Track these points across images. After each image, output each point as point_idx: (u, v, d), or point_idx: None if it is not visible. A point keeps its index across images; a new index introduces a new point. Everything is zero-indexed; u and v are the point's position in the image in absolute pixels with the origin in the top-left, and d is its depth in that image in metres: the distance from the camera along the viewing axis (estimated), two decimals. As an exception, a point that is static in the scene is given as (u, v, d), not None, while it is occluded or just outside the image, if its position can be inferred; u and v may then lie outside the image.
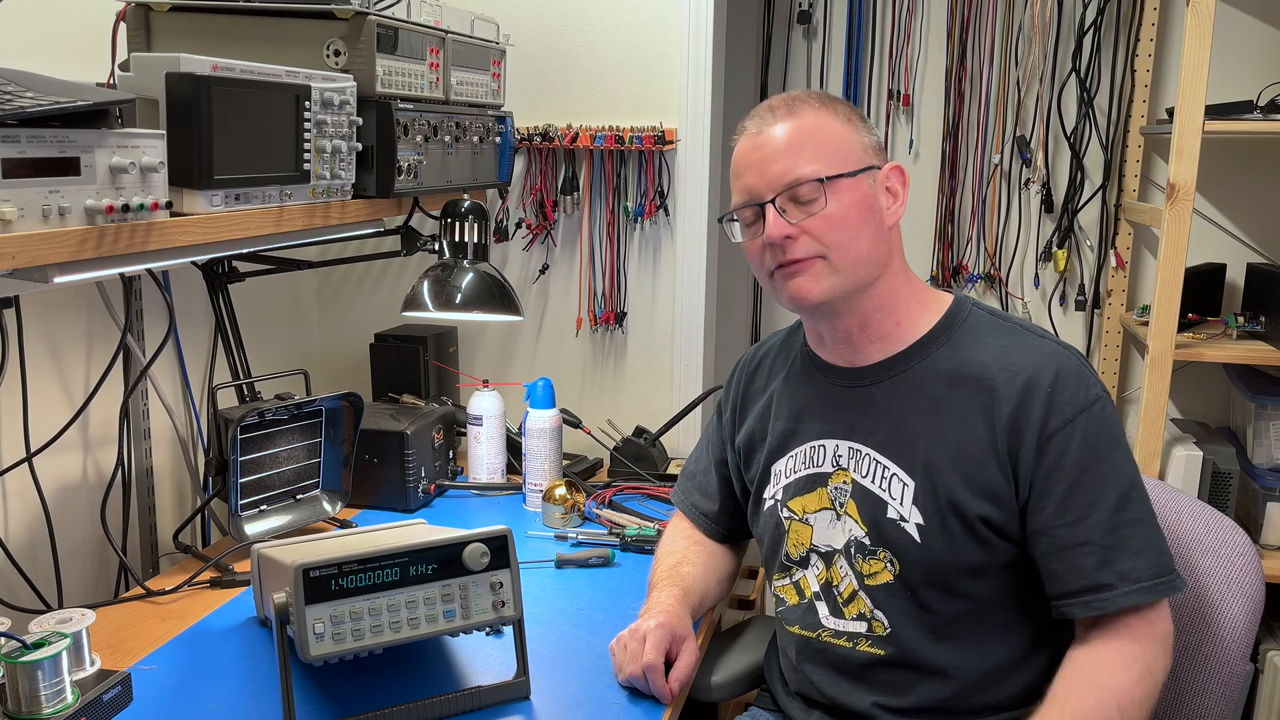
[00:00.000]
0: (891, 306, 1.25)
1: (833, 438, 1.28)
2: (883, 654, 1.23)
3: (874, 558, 1.23)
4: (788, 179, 1.19)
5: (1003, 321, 1.26)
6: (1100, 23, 2.37)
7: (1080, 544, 1.14)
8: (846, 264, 1.20)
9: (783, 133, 1.21)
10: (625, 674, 1.25)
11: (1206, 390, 2.45)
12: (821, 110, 1.23)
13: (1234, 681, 1.26)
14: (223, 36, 1.50)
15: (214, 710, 1.21)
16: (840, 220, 1.19)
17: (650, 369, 2.20)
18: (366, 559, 1.13)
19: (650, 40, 2.07)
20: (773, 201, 1.19)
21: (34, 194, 1.03)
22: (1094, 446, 1.15)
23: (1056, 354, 1.19)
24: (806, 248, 1.19)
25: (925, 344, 1.24)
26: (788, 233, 1.19)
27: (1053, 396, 1.16)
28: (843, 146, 1.22)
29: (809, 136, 1.21)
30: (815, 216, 1.19)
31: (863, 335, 1.26)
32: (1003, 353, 1.20)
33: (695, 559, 1.45)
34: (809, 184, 1.18)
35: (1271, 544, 2.14)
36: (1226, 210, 2.40)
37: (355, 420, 1.71)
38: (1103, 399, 1.17)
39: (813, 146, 1.20)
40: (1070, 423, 1.15)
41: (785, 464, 1.33)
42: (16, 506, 1.54)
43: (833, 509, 1.27)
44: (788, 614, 1.33)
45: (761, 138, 1.22)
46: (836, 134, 1.22)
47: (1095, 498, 1.14)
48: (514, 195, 2.19)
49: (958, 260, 2.54)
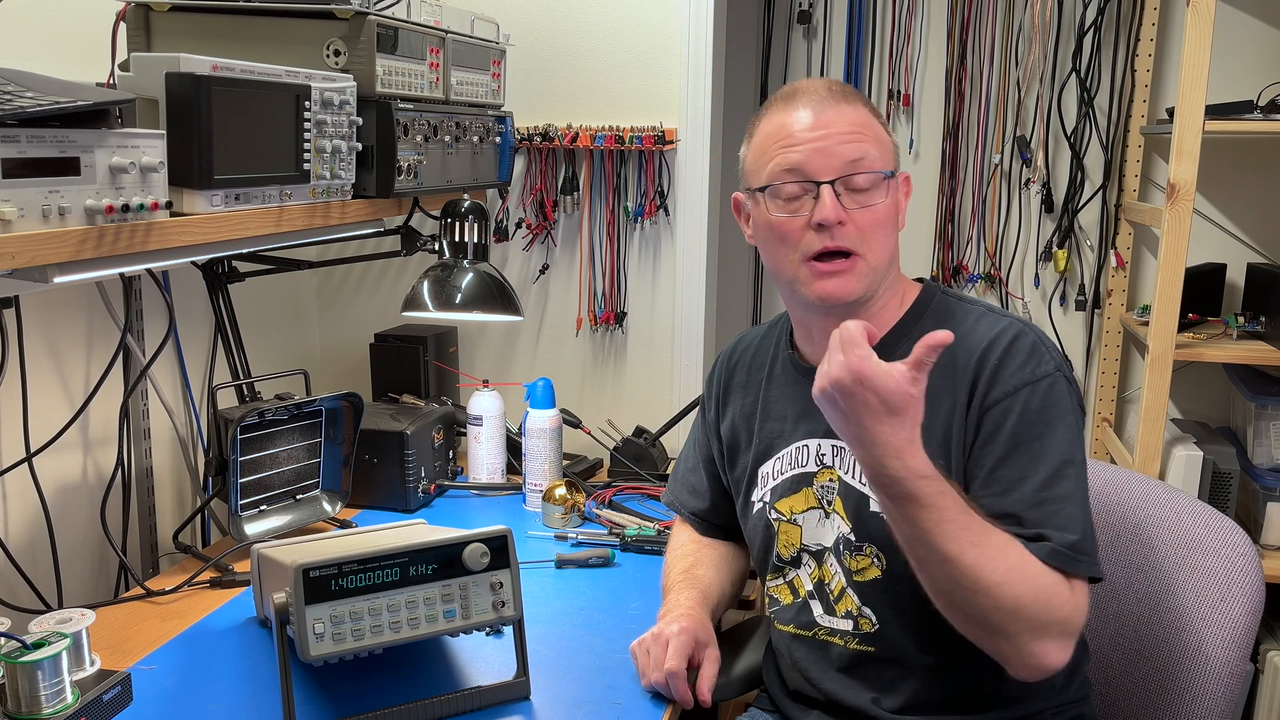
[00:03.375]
0: (884, 304, 1.26)
1: (815, 436, 1.28)
2: (873, 650, 1.23)
3: (861, 553, 1.23)
4: (852, 160, 1.17)
5: (969, 305, 1.26)
6: (1100, 23, 2.37)
7: (1004, 514, 1.12)
8: (878, 264, 1.20)
9: (847, 117, 1.19)
10: (649, 680, 1.25)
11: (1206, 390, 2.45)
12: (867, 106, 1.24)
13: (1234, 681, 1.26)
14: (223, 36, 1.50)
15: (214, 710, 1.21)
16: (883, 218, 1.19)
17: (650, 369, 2.20)
18: (366, 559, 1.13)
19: (650, 40, 2.07)
20: (832, 183, 1.17)
21: (34, 194, 1.03)
22: (1033, 422, 1.14)
23: (1012, 327, 1.19)
24: (851, 239, 1.18)
25: (897, 335, 1.24)
26: (843, 217, 1.17)
27: (999, 368, 1.16)
28: (889, 145, 1.23)
29: (868, 127, 1.20)
30: (865, 210, 1.18)
31: None
32: (966, 334, 1.20)
33: (708, 561, 1.45)
34: (873, 175, 1.18)
35: (1271, 544, 2.14)
36: (1226, 210, 2.40)
37: (355, 420, 1.71)
38: (1053, 376, 1.16)
39: (873, 138, 1.20)
40: (1012, 395, 1.14)
41: (772, 466, 1.33)
42: (16, 506, 1.54)
43: (820, 508, 1.27)
44: (782, 613, 1.33)
45: (826, 116, 1.19)
46: (883, 132, 1.23)
47: (1026, 471, 1.13)
48: (514, 195, 2.19)
49: (958, 260, 2.54)
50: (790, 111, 1.21)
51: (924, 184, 2.53)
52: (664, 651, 1.25)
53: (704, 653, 1.28)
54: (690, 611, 1.31)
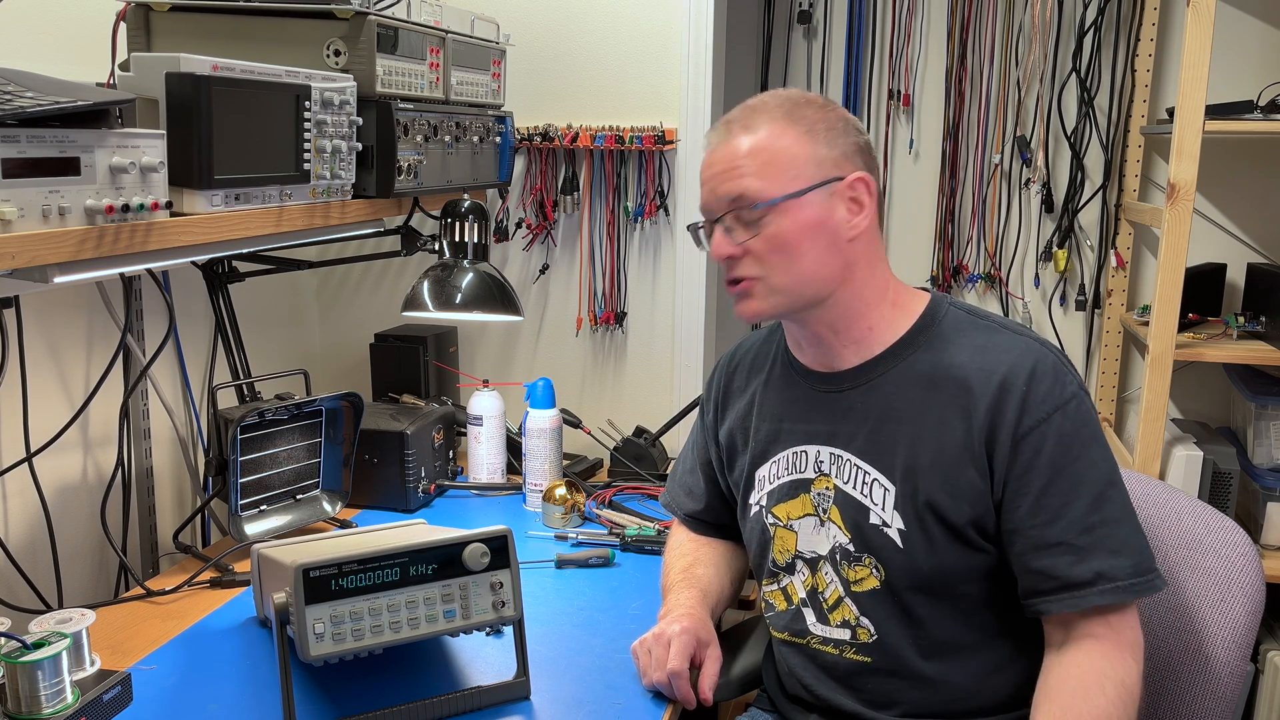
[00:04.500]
0: (860, 314, 1.23)
1: (814, 443, 1.27)
2: (869, 661, 1.22)
3: (859, 564, 1.22)
4: (731, 199, 1.19)
5: (980, 319, 1.24)
6: (1100, 23, 2.37)
7: (1054, 544, 1.12)
8: (786, 285, 1.19)
9: (733, 150, 1.20)
10: (650, 679, 1.25)
11: (1207, 390, 2.45)
12: (779, 123, 1.20)
13: (1234, 681, 1.26)
14: (223, 36, 1.50)
15: (214, 710, 1.21)
16: (780, 242, 1.18)
17: (650, 369, 2.20)
18: (366, 559, 1.13)
19: (650, 40, 2.07)
20: (719, 220, 1.20)
21: (34, 194, 1.03)
22: (1069, 445, 1.14)
23: (1032, 350, 1.18)
24: (748, 268, 1.19)
25: (902, 347, 1.23)
26: (730, 253, 1.20)
27: (1028, 394, 1.15)
28: (794, 164, 1.19)
29: (757, 154, 1.19)
30: (758, 237, 1.18)
31: (835, 340, 1.25)
32: (979, 352, 1.19)
33: (707, 560, 1.45)
34: (752, 209, 1.18)
35: (1272, 544, 2.14)
36: (1226, 210, 2.40)
37: (355, 420, 1.71)
38: (1079, 396, 1.16)
39: (759, 165, 1.18)
40: (1045, 421, 1.14)
41: (768, 469, 1.32)
42: (16, 506, 1.54)
43: (816, 515, 1.26)
44: (776, 620, 1.33)
45: (716, 153, 1.22)
46: (788, 151, 1.19)
47: (1070, 497, 1.13)
48: (514, 195, 2.19)
49: (958, 260, 2.54)
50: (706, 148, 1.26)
51: (924, 184, 2.53)
52: (666, 651, 1.25)
53: (705, 652, 1.28)
54: (691, 611, 1.31)
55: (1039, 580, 1.14)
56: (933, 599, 1.19)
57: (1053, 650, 1.16)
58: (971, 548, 1.17)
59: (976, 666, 1.20)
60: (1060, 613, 1.13)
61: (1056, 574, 1.12)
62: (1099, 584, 1.11)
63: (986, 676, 1.20)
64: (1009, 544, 1.16)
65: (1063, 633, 1.15)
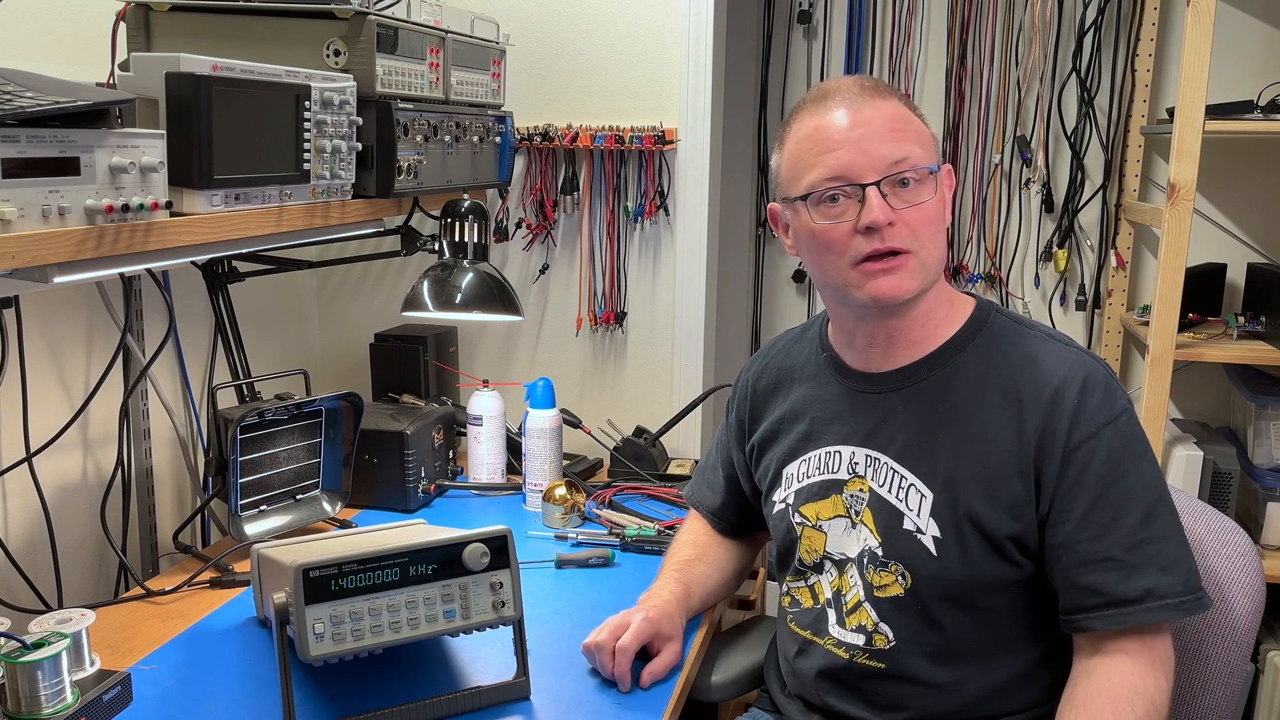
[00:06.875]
0: (932, 309, 1.22)
1: (850, 444, 1.25)
2: (883, 667, 1.21)
3: (885, 570, 1.20)
4: (893, 161, 1.13)
5: (1027, 329, 1.22)
6: (1100, 23, 2.37)
7: (1102, 559, 1.10)
8: (934, 262, 1.17)
9: (886, 111, 1.15)
10: (593, 639, 1.28)
11: (1207, 390, 2.45)
12: (903, 99, 1.20)
13: (1234, 681, 1.26)
14: (223, 36, 1.50)
15: (214, 710, 1.21)
16: (933, 215, 1.16)
17: (650, 369, 2.20)
18: (366, 559, 1.13)
19: (650, 40, 2.07)
20: (877, 184, 1.13)
21: (34, 194, 1.03)
22: (1119, 461, 1.12)
23: (1083, 363, 1.16)
24: (903, 239, 1.13)
25: (948, 351, 1.21)
26: (891, 218, 1.12)
27: (1079, 408, 1.12)
28: (929, 139, 1.18)
29: (906, 121, 1.16)
30: (914, 208, 1.14)
31: (902, 339, 1.22)
32: (1029, 362, 1.17)
33: (710, 558, 1.45)
34: (919, 170, 1.14)
35: (1272, 544, 2.14)
36: (1226, 210, 2.40)
37: (355, 420, 1.71)
38: (1129, 411, 1.14)
39: (913, 132, 1.16)
40: (1095, 435, 1.12)
41: (797, 468, 1.31)
42: (16, 506, 1.54)
43: (848, 516, 1.24)
44: (800, 617, 1.31)
45: (863, 114, 1.14)
46: (921, 125, 1.19)
47: (1119, 513, 1.11)
48: (514, 195, 2.19)
49: (958, 260, 2.54)
50: (824, 113, 1.16)
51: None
52: (623, 631, 1.27)
53: (664, 645, 1.29)
54: (665, 605, 1.32)
55: (1084, 596, 1.12)
56: (958, 609, 1.17)
57: (1082, 662, 1.14)
58: (1007, 560, 1.15)
59: (990, 676, 1.19)
60: (1104, 629, 1.11)
61: (1104, 590, 1.10)
62: (1148, 601, 1.09)
63: (998, 686, 1.19)
64: (1053, 559, 1.14)
65: (1094, 646, 1.13)
